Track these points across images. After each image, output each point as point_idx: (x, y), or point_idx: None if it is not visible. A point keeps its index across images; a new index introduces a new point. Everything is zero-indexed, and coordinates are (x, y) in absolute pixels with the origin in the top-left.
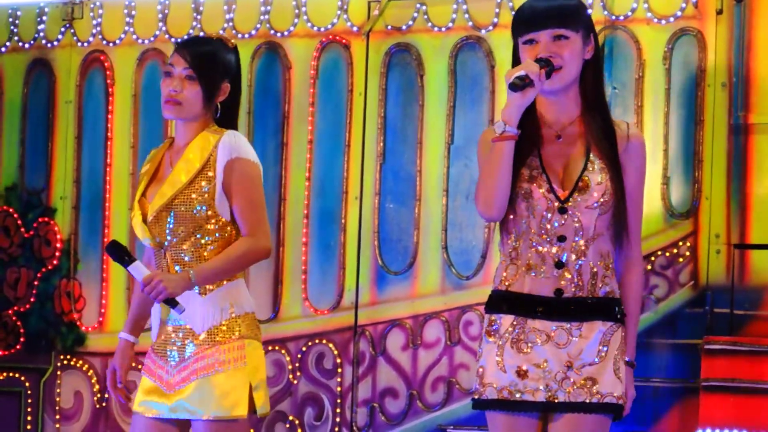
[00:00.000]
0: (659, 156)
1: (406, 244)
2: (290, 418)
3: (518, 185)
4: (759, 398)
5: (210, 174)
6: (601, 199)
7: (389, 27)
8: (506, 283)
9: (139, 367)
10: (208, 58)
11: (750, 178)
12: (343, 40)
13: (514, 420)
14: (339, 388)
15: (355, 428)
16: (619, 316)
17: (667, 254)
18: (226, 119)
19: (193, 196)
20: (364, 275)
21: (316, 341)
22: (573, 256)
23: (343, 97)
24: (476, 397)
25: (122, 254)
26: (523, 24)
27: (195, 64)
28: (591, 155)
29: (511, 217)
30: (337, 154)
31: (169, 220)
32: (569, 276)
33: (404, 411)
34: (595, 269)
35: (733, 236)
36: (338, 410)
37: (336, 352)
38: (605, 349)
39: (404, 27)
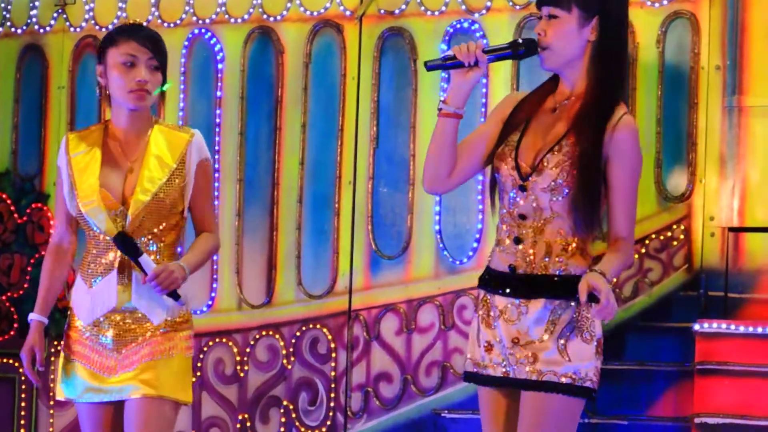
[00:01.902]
0: (653, 139)
1: (399, 229)
2: (284, 403)
3: (494, 162)
4: (753, 381)
5: (182, 172)
6: (552, 183)
7: (382, 11)
8: (489, 259)
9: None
10: (163, 47)
11: (744, 161)
12: (337, 25)
13: (485, 393)
14: (333, 373)
15: (349, 413)
16: (571, 294)
17: (661, 237)
18: None
19: (167, 192)
20: (357, 260)
21: (310, 326)
22: (531, 233)
23: (337, 81)
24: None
25: (132, 246)
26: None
27: (158, 55)
28: (566, 136)
29: (497, 192)
30: (330, 139)
31: (144, 214)
32: (524, 253)
33: (398, 395)
34: (550, 247)
35: (727, 219)
36: (332, 395)
37: (330, 337)
38: (552, 327)
39: (397, 11)
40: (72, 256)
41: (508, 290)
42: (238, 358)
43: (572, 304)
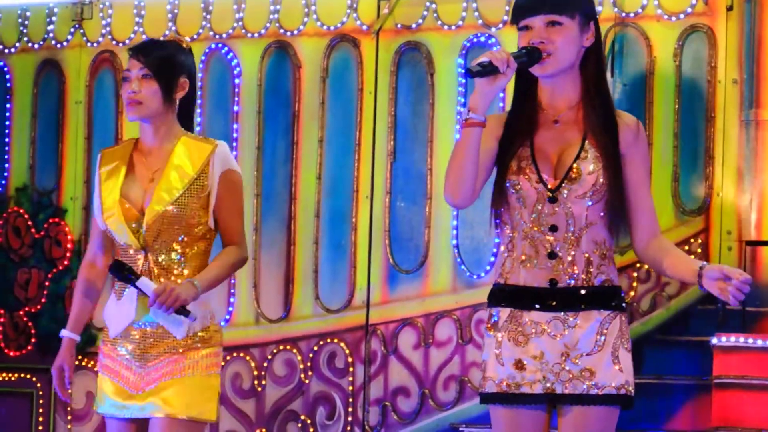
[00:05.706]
0: (670, 153)
1: (417, 243)
2: (302, 417)
3: (507, 177)
4: None
5: (204, 182)
6: (593, 189)
7: (399, 25)
8: (505, 276)
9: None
10: (163, 57)
11: (761, 175)
12: (353, 39)
13: (515, 413)
14: (351, 387)
15: (367, 427)
16: (615, 304)
17: None
18: (183, 117)
19: (186, 202)
20: (375, 274)
21: (328, 340)
22: (566, 246)
23: (354, 95)
24: (480, 391)
25: (126, 272)
26: (519, 10)
27: (150, 63)
28: (586, 143)
29: (505, 208)
30: (347, 153)
31: (161, 225)
32: (563, 266)
33: (416, 410)
34: (589, 258)
35: (744, 233)
36: (350, 409)
37: (348, 351)
38: (602, 338)
39: (414, 25)
40: (105, 275)
41: (552, 304)
42: (255, 373)
43: (616, 314)
